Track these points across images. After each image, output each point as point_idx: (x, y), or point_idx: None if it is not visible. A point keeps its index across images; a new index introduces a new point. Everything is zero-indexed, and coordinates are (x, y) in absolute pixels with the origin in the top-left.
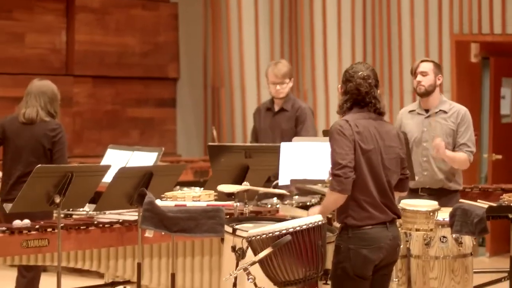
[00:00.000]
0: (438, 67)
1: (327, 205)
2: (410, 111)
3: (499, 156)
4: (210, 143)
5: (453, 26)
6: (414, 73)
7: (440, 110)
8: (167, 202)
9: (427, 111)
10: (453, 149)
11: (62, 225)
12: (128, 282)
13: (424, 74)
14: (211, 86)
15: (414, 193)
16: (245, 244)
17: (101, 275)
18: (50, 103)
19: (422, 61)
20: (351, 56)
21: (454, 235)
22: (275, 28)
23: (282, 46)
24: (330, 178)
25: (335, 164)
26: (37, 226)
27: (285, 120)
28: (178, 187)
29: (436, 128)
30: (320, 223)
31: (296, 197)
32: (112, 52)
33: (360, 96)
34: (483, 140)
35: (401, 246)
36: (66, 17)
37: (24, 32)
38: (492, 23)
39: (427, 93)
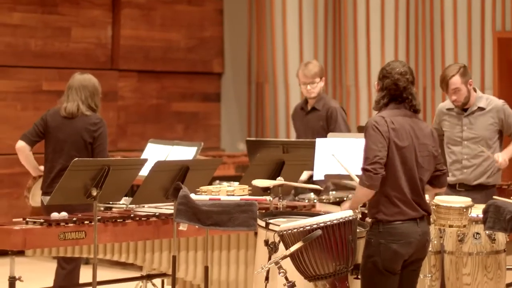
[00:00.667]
0: (465, 73)
1: (356, 199)
2: (448, 109)
3: None
4: (248, 138)
5: (496, 23)
6: (445, 89)
7: (478, 108)
8: (201, 196)
9: (465, 110)
10: (499, 143)
11: (99, 217)
12: (164, 274)
13: (456, 91)
14: (255, 82)
15: (452, 189)
16: (277, 238)
17: (141, 268)
18: (91, 97)
19: (450, 77)
20: (394, 52)
21: (487, 232)
22: (319, 24)
23: (326, 43)
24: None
25: (366, 159)
26: (74, 219)
27: (315, 119)
28: (217, 181)
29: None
30: (350, 218)
31: (333, 192)
32: (157, 47)
33: (398, 92)
34: None
35: (435, 242)
36: (112, 12)
37: (70, 26)
38: None
39: (464, 105)
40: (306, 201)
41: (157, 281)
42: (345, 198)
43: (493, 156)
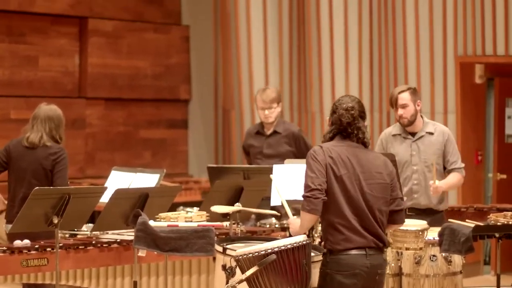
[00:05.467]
0: (415, 93)
1: (302, 224)
2: (394, 135)
3: (504, 176)
4: (209, 165)
5: (458, 48)
6: (394, 106)
7: (426, 132)
8: (160, 222)
9: (412, 134)
10: (444, 168)
11: (61, 244)
12: None
13: (404, 106)
14: (222, 108)
15: None
16: (233, 263)
17: None
18: (56, 129)
19: (400, 92)
20: (358, 78)
21: (443, 254)
22: (284, 51)
23: (291, 69)
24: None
25: (306, 187)
26: (36, 246)
27: (279, 143)
28: (181, 207)
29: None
30: (304, 242)
31: (294, 217)
32: (124, 75)
33: (342, 127)
34: (488, 160)
35: (393, 265)
36: (79, 41)
37: (38, 55)
38: (496, 45)
39: (410, 124)
40: (268, 226)
41: None
42: (305, 227)
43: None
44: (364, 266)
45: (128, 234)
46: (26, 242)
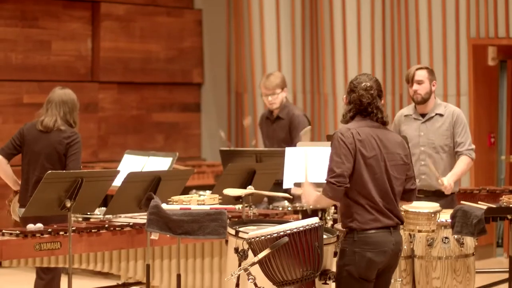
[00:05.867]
0: (432, 73)
1: (319, 201)
2: (406, 115)
3: None
4: (222, 148)
5: (470, 30)
6: (410, 81)
7: (436, 114)
8: (172, 205)
9: (423, 115)
10: (453, 149)
11: (73, 228)
12: (139, 283)
13: (420, 82)
14: (235, 91)
15: None
16: (246, 246)
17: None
18: (70, 113)
19: (417, 69)
20: (371, 60)
21: (455, 236)
22: (297, 34)
23: (303, 52)
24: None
25: (330, 171)
26: (49, 230)
27: (281, 128)
28: (194, 190)
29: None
30: (316, 225)
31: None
32: (137, 59)
33: (362, 107)
34: (501, 142)
35: (405, 247)
36: (92, 25)
37: (51, 39)
38: (508, 27)
39: (423, 101)
40: (280, 209)
41: None
42: (318, 206)
43: (440, 178)
44: (391, 244)
45: (140, 218)
46: (39, 225)
